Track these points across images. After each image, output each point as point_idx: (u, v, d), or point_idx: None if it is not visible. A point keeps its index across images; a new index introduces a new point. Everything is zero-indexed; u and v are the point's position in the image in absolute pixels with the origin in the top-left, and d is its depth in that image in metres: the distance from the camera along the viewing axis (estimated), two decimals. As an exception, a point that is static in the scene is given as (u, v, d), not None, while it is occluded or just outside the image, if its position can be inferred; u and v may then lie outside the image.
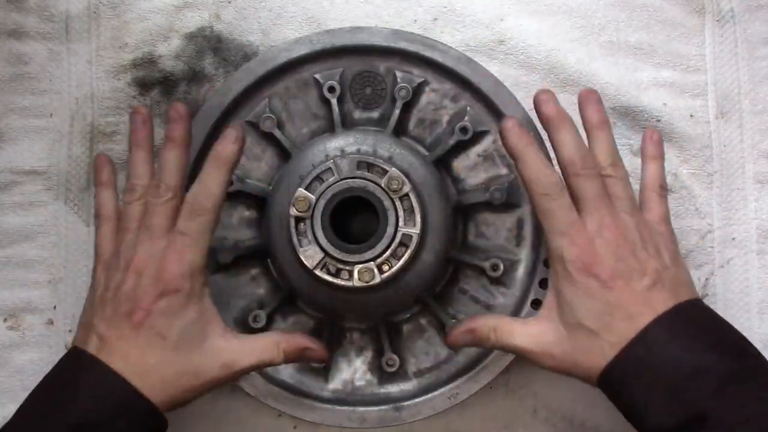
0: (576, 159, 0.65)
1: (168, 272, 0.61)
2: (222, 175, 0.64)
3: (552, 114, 0.66)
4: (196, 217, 0.62)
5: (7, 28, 0.80)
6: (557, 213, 0.63)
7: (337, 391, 0.73)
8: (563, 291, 0.63)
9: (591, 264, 0.62)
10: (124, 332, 0.60)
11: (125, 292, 0.61)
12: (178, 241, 0.62)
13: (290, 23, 0.80)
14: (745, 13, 0.81)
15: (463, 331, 0.66)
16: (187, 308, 0.61)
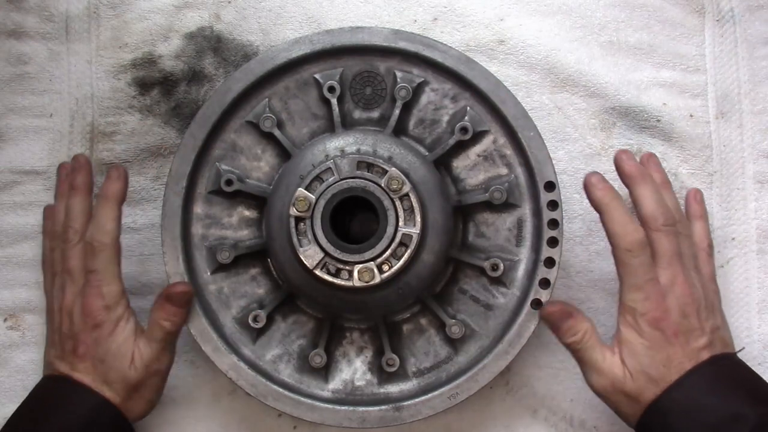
0: (658, 215, 0.68)
1: (91, 308, 0.68)
2: (112, 211, 0.70)
3: (633, 170, 0.70)
4: (98, 254, 0.68)
5: (7, 28, 0.80)
6: (638, 269, 0.67)
7: (337, 391, 0.73)
8: (630, 339, 0.67)
9: (660, 319, 0.66)
10: (75, 364, 0.68)
11: (65, 332, 0.70)
12: (92, 279, 0.69)
13: (290, 23, 0.80)
14: (745, 13, 0.81)
15: (563, 311, 0.70)
16: (115, 334, 0.69)
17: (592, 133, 0.80)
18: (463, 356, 0.73)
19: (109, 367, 0.68)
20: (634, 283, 0.67)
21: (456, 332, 0.72)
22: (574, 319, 0.70)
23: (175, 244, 0.72)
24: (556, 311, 0.70)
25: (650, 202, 0.69)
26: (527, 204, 0.73)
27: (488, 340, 0.72)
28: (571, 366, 0.78)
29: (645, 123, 0.80)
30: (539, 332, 0.77)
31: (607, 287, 0.78)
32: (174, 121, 0.79)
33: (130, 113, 0.79)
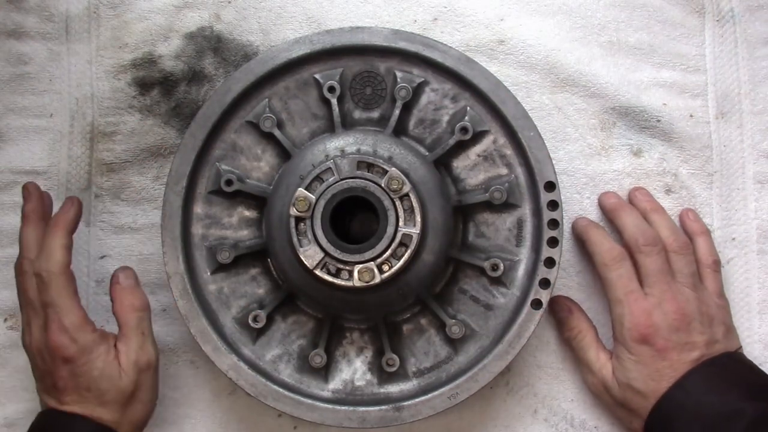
0: (638, 236, 0.72)
1: (57, 344, 0.67)
2: (61, 239, 0.68)
3: (612, 204, 0.77)
4: (49, 285, 0.67)
5: (7, 28, 0.80)
6: (616, 283, 0.71)
7: (337, 391, 0.73)
8: (619, 354, 0.71)
9: (647, 334, 0.69)
10: (62, 399, 0.67)
11: (41, 369, 0.68)
12: (50, 312, 0.67)
13: (290, 23, 0.80)
14: (745, 13, 0.81)
15: (564, 305, 0.76)
16: (91, 361, 0.67)
17: (592, 133, 0.80)
18: (463, 356, 0.73)
19: (98, 390, 0.67)
20: (616, 297, 0.71)
21: (456, 332, 0.72)
22: (573, 316, 0.75)
23: (175, 244, 0.72)
24: (559, 302, 0.75)
25: (629, 227, 0.73)
26: (527, 204, 0.73)
27: (488, 340, 0.72)
28: (571, 366, 0.78)
29: (645, 123, 0.80)
30: (539, 332, 0.77)
31: (607, 287, 0.78)
32: (174, 121, 0.79)
33: (130, 113, 0.79)
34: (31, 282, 0.68)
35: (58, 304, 0.67)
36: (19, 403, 0.77)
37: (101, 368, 0.67)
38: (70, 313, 0.67)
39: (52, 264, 0.67)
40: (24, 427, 0.76)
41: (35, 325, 0.68)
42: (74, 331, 0.67)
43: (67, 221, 0.70)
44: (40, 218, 0.72)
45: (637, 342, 0.69)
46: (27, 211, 0.72)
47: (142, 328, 0.70)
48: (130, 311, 0.70)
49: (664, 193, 0.79)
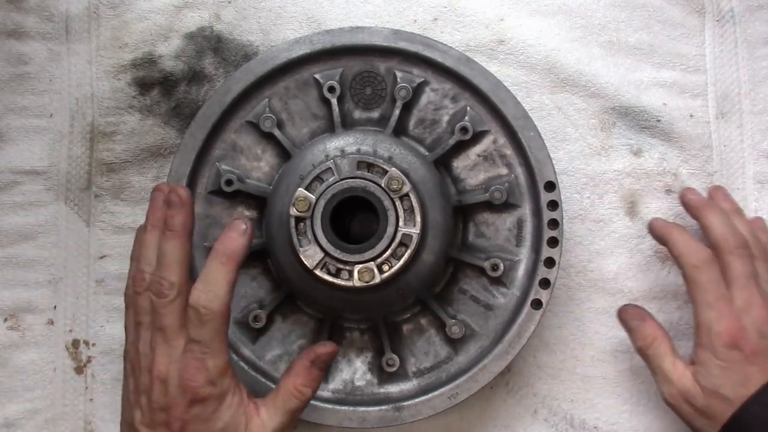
0: (728, 237, 0.69)
1: (193, 381, 0.59)
2: (228, 273, 0.60)
3: (698, 202, 0.74)
4: (205, 323, 0.59)
5: (7, 28, 0.80)
6: (707, 286, 0.68)
7: (337, 391, 0.73)
8: (705, 359, 0.68)
9: (737, 339, 0.67)
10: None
11: (156, 401, 0.59)
12: (195, 349, 0.59)
13: (290, 23, 0.80)
14: (745, 13, 0.81)
15: (636, 313, 0.72)
16: (221, 410, 0.60)
17: (592, 133, 0.80)
18: (463, 356, 0.73)
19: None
20: (706, 301, 0.68)
21: (456, 332, 0.72)
22: (646, 323, 0.72)
23: (175, 244, 0.72)
24: (629, 311, 0.72)
25: (718, 226, 0.70)
26: (527, 204, 0.73)
27: (488, 340, 0.72)
28: (571, 366, 0.78)
29: (645, 123, 0.80)
30: (539, 332, 0.77)
31: (607, 287, 0.78)
32: (174, 121, 0.79)
33: (130, 113, 0.79)
34: (172, 308, 0.60)
35: (209, 345, 0.59)
36: (19, 403, 0.77)
37: (226, 423, 0.60)
38: (219, 356, 0.59)
39: (216, 302, 0.59)
40: (24, 427, 0.77)
41: (163, 354, 0.59)
42: (217, 375, 0.59)
43: (238, 251, 0.61)
44: (188, 234, 0.62)
45: (727, 347, 0.67)
46: (175, 225, 0.62)
47: (301, 411, 0.62)
48: (305, 393, 0.62)
49: (664, 193, 0.79)
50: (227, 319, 0.60)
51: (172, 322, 0.59)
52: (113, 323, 0.78)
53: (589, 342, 0.78)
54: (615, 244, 0.79)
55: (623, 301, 0.78)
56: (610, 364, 0.78)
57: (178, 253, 0.61)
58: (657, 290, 0.78)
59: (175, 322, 0.59)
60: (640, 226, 0.79)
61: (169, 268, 0.60)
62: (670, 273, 0.79)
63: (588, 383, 0.78)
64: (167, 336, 0.59)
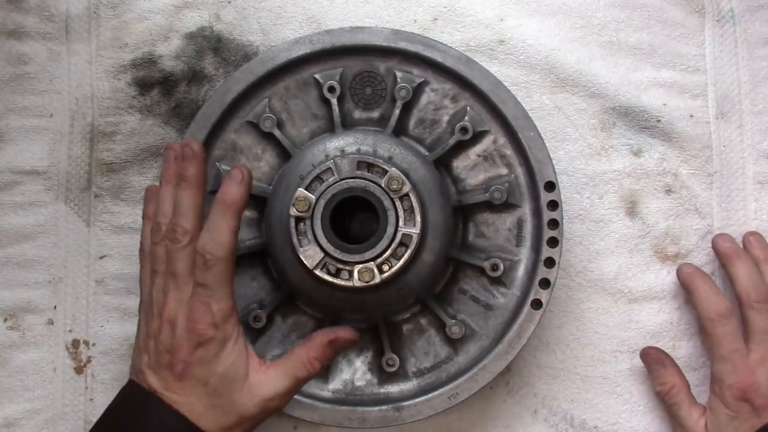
0: (750, 290, 0.71)
1: (198, 323, 0.61)
2: (229, 221, 0.63)
3: (728, 250, 0.75)
4: (210, 268, 0.61)
5: (7, 28, 0.80)
6: (722, 339, 0.70)
7: (337, 391, 0.73)
8: (716, 408, 0.70)
9: (748, 392, 0.68)
10: (170, 383, 0.62)
11: (163, 343, 0.62)
12: (201, 293, 0.62)
13: (290, 23, 0.80)
14: (745, 13, 0.81)
15: (657, 357, 0.75)
16: (222, 354, 0.62)
17: (592, 133, 0.80)
18: (463, 356, 0.73)
19: (212, 390, 0.61)
20: (720, 354, 0.70)
21: (456, 332, 0.72)
22: (666, 369, 0.74)
23: (175, 244, 0.72)
24: (651, 354, 0.75)
25: (743, 279, 0.72)
26: (527, 204, 0.73)
27: (488, 340, 0.72)
28: (571, 366, 0.78)
29: (645, 123, 0.80)
30: (539, 332, 0.77)
31: (607, 287, 0.78)
32: (174, 121, 0.79)
33: (130, 113, 0.79)
34: (184, 254, 0.62)
35: (214, 289, 0.62)
36: (19, 403, 0.77)
37: (227, 367, 0.62)
38: (223, 301, 0.62)
39: (219, 248, 0.62)
40: (24, 427, 0.77)
41: (174, 298, 0.62)
42: (220, 318, 0.62)
43: (238, 199, 0.63)
44: (202, 184, 0.65)
45: (737, 399, 0.69)
46: (189, 175, 0.65)
47: (305, 383, 0.64)
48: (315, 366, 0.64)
49: (664, 193, 0.79)
50: (231, 266, 0.63)
51: (184, 267, 0.62)
52: (113, 323, 0.78)
53: (589, 342, 0.78)
54: (615, 244, 0.79)
55: (623, 300, 0.78)
56: (610, 364, 0.78)
57: (192, 202, 0.64)
58: (657, 290, 0.78)
59: (186, 267, 0.62)
60: (640, 226, 0.79)
61: (184, 215, 0.63)
62: (669, 273, 0.79)
63: (588, 383, 0.78)
64: (178, 281, 0.62)
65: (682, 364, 0.76)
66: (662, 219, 0.79)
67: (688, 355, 0.78)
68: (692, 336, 0.78)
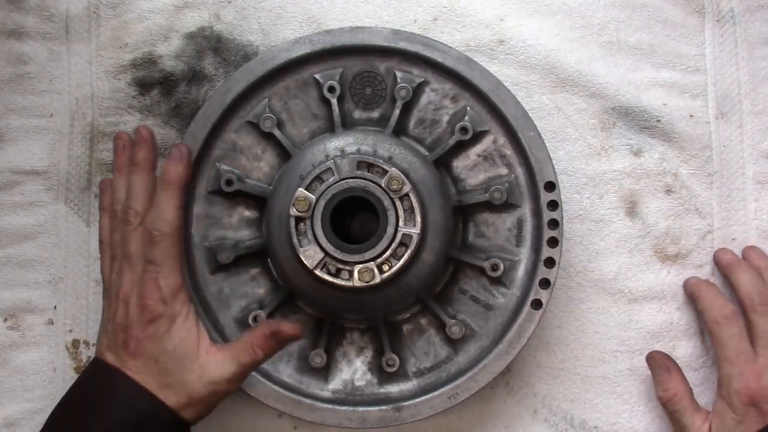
0: (754, 295, 0.72)
1: (148, 299, 0.64)
2: (173, 199, 0.66)
3: (729, 260, 0.76)
4: (157, 244, 0.64)
5: (7, 28, 0.80)
6: (728, 342, 0.70)
7: (337, 391, 0.73)
8: (722, 411, 0.70)
9: (756, 397, 0.68)
10: (125, 361, 0.64)
11: (118, 322, 0.65)
12: (150, 269, 0.64)
13: (290, 23, 0.80)
14: (745, 13, 0.81)
15: (662, 363, 0.74)
16: (172, 330, 0.64)
17: (592, 133, 0.80)
18: (463, 356, 0.73)
19: (163, 367, 0.63)
20: (727, 357, 0.70)
21: (456, 332, 0.72)
22: (670, 375, 0.74)
23: (175, 244, 0.72)
24: (657, 359, 0.74)
25: (747, 284, 0.73)
26: (527, 204, 0.73)
27: (488, 340, 0.72)
28: (571, 366, 0.78)
29: (645, 123, 0.80)
30: (539, 332, 0.77)
31: (607, 287, 0.78)
32: (174, 121, 0.79)
33: (130, 113, 0.79)
34: (136, 234, 0.66)
35: (162, 264, 0.64)
36: (19, 403, 0.77)
37: (176, 344, 0.63)
38: (170, 275, 0.64)
39: (164, 224, 0.65)
40: (24, 427, 0.77)
41: (128, 278, 0.65)
42: (169, 294, 0.64)
43: (179, 176, 0.67)
44: (151, 167, 0.69)
45: (744, 404, 0.69)
46: (138, 158, 0.68)
47: (251, 369, 0.65)
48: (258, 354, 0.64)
49: (664, 193, 0.79)
50: (178, 242, 0.65)
51: (136, 248, 0.65)
52: (113, 323, 0.78)
53: (589, 342, 0.78)
54: (615, 244, 0.79)
55: (623, 300, 0.78)
56: (610, 364, 0.78)
57: (143, 185, 0.67)
58: (657, 290, 0.78)
59: (138, 248, 0.65)
60: (640, 226, 0.79)
61: (135, 198, 0.67)
62: (669, 273, 0.79)
63: (588, 383, 0.78)
64: (132, 261, 0.65)
65: (682, 364, 0.76)
66: (662, 219, 0.79)
67: (688, 355, 0.78)
68: (692, 336, 0.78)
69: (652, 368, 0.76)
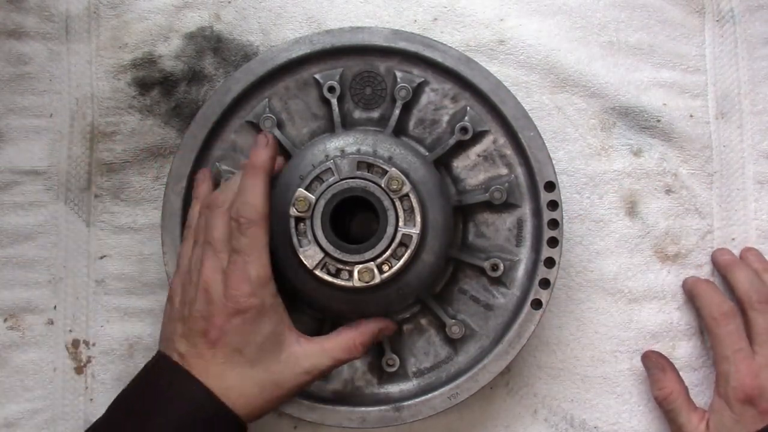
0: (752, 293, 0.72)
1: (235, 291, 0.61)
2: (260, 184, 0.64)
3: (726, 260, 0.76)
4: (244, 231, 0.62)
5: (7, 28, 0.80)
6: (724, 339, 0.70)
7: (337, 391, 0.73)
8: (720, 410, 0.70)
9: (752, 395, 0.68)
10: (202, 350, 0.61)
11: (198, 310, 0.62)
12: (238, 260, 0.61)
13: (290, 23, 0.80)
14: (745, 13, 0.81)
15: (658, 362, 0.75)
16: (260, 322, 0.61)
17: (592, 133, 0.80)
18: (463, 356, 0.73)
19: (249, 359, 0.61)
20: (724, 354, 0.70)
21: (456, 332, 0.72)
22: (664, 374, 0.74)
23: (175, 244, 0.72)
24: (651, 358, 0.75)
25: (744, 282, 0.73)
26: (527, 204, 0.73)
27: (488, 340, 0.72)
28: (571, 366, 0.78)
29: (645, 123, 0.80)
30: (539, 332, 0.77)
31: (607, 287, 0.78)
32: (174, 121, 0.79)
33: (130, 113, 0.79)
34: (221, 220, 0.63)
35: (249, 254, 0.61)
36: (19, 403, 0.77)
37: (265, 336, 0.61)
38: (259, 266, 0.61)
39: (251, 210, 0.62)
40: (24, 427, 0.77)
41: (210, 265, 0.62)
42: (258, 285, 0.61)
43: (265, 162, 0.65)
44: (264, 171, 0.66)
45: (741, 402, 0.68)
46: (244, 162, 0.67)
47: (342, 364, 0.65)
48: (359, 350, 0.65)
49: (664, 193, 0.79)
50: (266, 230, 0.63)
51: (220, 235, 0.63)
52: (113, 323, 0.78)
53: (589, 342, 0.78)
54: (615, 244, 0.79)
55: (623, 300, 0.78)
56: (610, 364, 0.78)
57: (238, 179, 0.66)
58: (657, 290, 0.78)
59: (222, 235, 0.63)
60: (640, 226, 0.79)
61: (225, 189, 0.66)
62: (669, 273, 0.79)
63: (588, 383, 0.78)
64: (215, 248, 0.63)
65: (682, 364, 0.76)
66: (662, 219, 0.79)
67: (687, 355, 0.78)
68: (692, 336, 0.78)
69: (647, 368, 0.76)
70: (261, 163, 0.65)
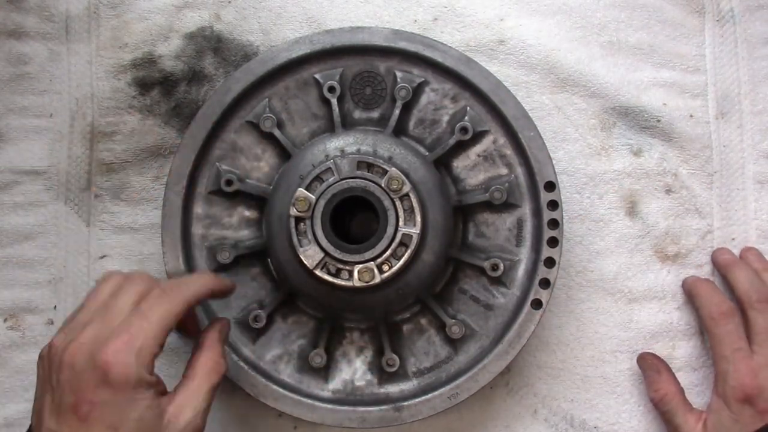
0: (751, 292, 0.72)
1: (114, 357, 0.53)
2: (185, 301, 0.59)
3: (726, 260, 0.76)
4: (168, 301, 0.57)
5: (7, 28, 0.80)
6: (723, 339, 0.70)
7: (337, 391, 0.73)
8: (718, 409, 0.70)
9: (751, 395, 0.68)
10: (74, 427, 0.53)
11: (65, 380, 0.54)
12: (134, 322, 0.55)
13: (290, 23, 0.80)
14: (745, 13, 0.81)
15: (653, 363, 0.74)
16: (132, 400, 0.54)
17: (592, 133, 0.80)
18: (463, 356, 0.73)
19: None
20: (722, 353, 0.70)
21: (456, 332, 0.72)
22: (659, 376, 0.74)
23: (175, 244, 0.72)
24: (647, 360, 0.75)
25: (744, 282, 0.73)
26: (527, 204, 0.73)
27: (488, 340, 0.72)
28: (571, 366, 0.78)
29: (645, 123, 0.80)
30: (539, 332, 0.77)
31: (607, 287, 0.78)
32: (174, 121, 0.79)
33: (130, 113, 0.79)
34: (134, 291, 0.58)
35: (151, 320, 0.55)
36: (19, 403, 0.77)
37: (141, 412, 0.54)
38: (152, 340, 0.55)
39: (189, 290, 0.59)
40: (24, 427, 0.77)
41: (92, 329, 0.55)
42: (140, 360, 0.54)
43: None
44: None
45: (740, 401, 0.68)
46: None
47: (217, 385, 0.59)
48: (221, 365, 0.60)
49: (664, 193, 0.79)
50: (179, 316, 0.58)
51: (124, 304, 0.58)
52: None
53: (589, 342, 0.78)
54: (615, 244, 0.79)
55: (623, 300, 0.78)
56: (610, 364, 0.78)
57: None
58: (657, 290, 0.78)
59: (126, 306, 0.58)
60: (640, 226, 0.79)
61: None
62: (669, 273, 0.79)
63: (588, 383, 0.78)
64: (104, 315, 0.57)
65: (681, 364, 0.76)
66: (662, 219, 0.79)
67: (687, 355, 0.78)
68: (692, 336, 0.78)
69: (642, 369, 0.76)
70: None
